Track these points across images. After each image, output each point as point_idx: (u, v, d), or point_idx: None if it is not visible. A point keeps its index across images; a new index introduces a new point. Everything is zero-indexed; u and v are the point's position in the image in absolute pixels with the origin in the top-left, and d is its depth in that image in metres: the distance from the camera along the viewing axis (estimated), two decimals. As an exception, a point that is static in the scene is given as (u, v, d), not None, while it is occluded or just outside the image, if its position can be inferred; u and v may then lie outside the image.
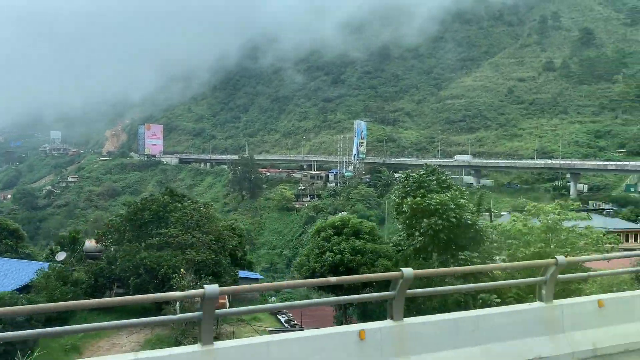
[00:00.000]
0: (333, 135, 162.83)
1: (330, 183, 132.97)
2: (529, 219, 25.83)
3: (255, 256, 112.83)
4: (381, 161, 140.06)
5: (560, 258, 7.30)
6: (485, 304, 23.15)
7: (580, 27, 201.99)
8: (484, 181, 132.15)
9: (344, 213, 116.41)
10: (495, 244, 27.90)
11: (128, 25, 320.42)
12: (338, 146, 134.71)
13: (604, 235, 25.68)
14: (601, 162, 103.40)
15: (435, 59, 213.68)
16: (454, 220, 26.91)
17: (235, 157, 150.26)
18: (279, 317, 39.82)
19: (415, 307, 23.88)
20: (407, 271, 6.24)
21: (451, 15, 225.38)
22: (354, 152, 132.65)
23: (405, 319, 6.49)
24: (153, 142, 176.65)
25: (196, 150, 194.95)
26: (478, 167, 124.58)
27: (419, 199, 27.92)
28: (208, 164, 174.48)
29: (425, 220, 27.36)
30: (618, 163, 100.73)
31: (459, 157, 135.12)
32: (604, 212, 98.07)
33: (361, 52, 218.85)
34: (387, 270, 28.66)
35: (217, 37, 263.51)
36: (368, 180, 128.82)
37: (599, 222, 70.46)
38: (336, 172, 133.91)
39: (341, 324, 32.05)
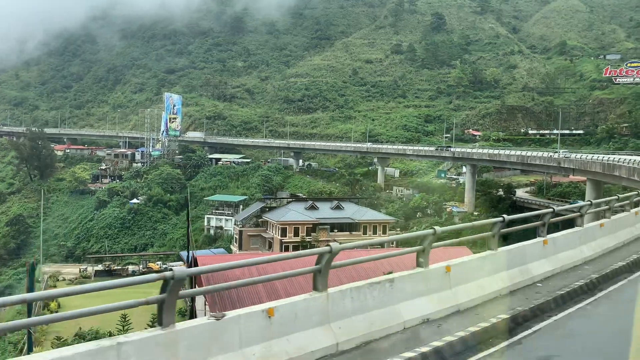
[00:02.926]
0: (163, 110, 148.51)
1: (137, 163, 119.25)
2: None
3: (29, 248, 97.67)
4: (202, 140, 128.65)
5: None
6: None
7: (434, 11, 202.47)
8: (311, 163, 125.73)
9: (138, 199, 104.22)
10: None
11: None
12: (145, 121, 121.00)
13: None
14: (401, 147, 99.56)
15: (291, 35, 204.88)
16: None
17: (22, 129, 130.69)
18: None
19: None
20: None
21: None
22: (162, 128, 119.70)
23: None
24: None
25: (13, 121, 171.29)
26: (299, 149, 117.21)
27: None
28: (22, 138, 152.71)
29: None
30: (415, 148, 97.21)
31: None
32: (402, 199, 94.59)
33: (213, 22, 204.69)
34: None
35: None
36: (180, 160, 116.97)
37: (351, 211, 64.52)
38: (143, 151, 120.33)
39: None
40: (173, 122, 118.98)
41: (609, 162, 47.62)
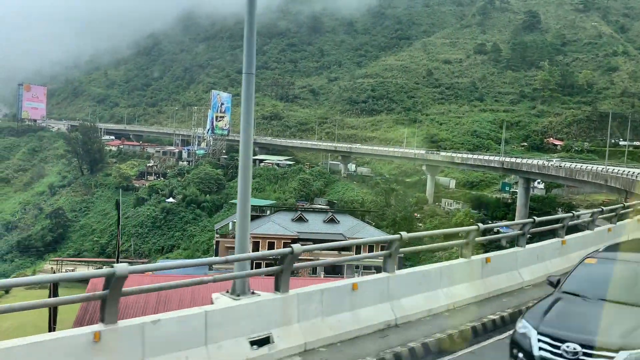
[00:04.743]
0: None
1: (184, 161, 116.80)
2: None
3: (65, 242, 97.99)
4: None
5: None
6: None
7: (527, 9, 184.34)
8: (361, 169, 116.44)
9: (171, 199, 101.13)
10: None
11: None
12: (192, 118, 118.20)
13: None
14: (452, 155, 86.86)
15: (370, 35, 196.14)
16: None
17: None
18: None
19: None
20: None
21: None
22: (208, 127, 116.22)
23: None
24: (33, 104, 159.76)
25: (94, 117, 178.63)
26: (346, 152, 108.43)
27: None
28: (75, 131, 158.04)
29: None
30: (464, 156, 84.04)
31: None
32: (449, 214, 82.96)
33: (291, 22, 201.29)
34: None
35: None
36: (225, 159, 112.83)
37: (347, 226, 54.68)
38: (189, 149, 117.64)
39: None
40: (220, 120, 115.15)
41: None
